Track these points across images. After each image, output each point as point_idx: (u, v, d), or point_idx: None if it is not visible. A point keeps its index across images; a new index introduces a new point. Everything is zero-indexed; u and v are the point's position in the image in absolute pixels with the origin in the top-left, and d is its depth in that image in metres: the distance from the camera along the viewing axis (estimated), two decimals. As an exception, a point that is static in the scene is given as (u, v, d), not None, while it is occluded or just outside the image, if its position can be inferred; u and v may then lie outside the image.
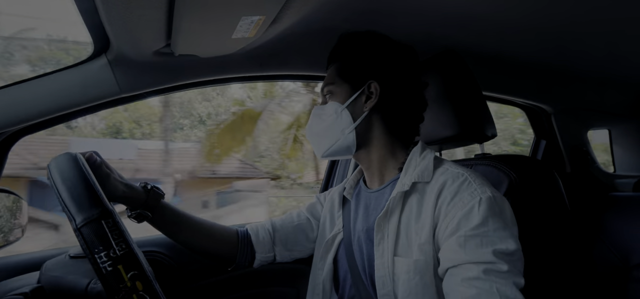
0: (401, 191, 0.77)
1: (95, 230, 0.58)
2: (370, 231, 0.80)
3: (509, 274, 0.64)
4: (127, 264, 0.58)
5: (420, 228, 0.74)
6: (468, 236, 0.68)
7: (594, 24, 1.07)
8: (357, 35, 0.88)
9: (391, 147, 0.87)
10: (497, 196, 0.72)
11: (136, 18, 0.78)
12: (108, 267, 0.56)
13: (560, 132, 1.61)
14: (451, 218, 0.70)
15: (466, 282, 0.65)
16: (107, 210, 0.60)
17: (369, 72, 0.85)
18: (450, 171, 0.77)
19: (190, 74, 1.05)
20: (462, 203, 0.71)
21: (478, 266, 0.65)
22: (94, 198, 0.61)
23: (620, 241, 1.33)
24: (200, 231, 0.93)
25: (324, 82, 0.90)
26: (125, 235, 0.60)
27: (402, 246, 0.75)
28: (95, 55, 0.96)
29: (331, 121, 0.85)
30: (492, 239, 0.67)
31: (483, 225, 0.68)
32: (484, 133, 0.95)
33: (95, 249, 0.57)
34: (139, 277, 0.58)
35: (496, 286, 0.63)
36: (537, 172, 0.90)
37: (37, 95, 0.93)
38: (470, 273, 0.65)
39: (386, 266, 0.75)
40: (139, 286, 0.57)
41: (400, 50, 0.87)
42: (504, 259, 0.65)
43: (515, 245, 0.68)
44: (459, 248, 0.67)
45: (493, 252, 0.65)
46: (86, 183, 0.62)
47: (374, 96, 0.84)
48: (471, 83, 0.97)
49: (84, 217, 0.58)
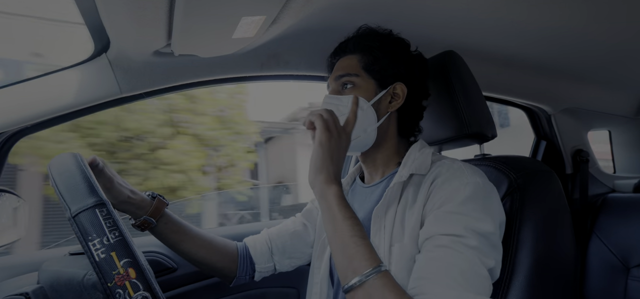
0: (399, 181, 0.78)
1: (89, 218, 0.60)
2: (366, 223, 0.80)
3: (476, 250, 0.64)
4: (120, 251, 0.59)
5: (411, 215, 0.75)
6: (446, 212, 0.68)
7: (595, 25, 1.07)
8: (385, 34, 0.88)
9: (397, 147, 0.87)
10: (486, 185, 0.73)
11: (136, 18, 0.78)
12: (101, 254, 0.58)
13: (561, 133, 1.61)
14: (437, 198, 0.71)
15: (433, 247, 0.66)
16: (101, 200, 0.62)
17: (397, 74, 0.85)
18: (446, 163, 0.78)
19: (191, 74, 1.05)
20: (451, 187, 0.71)
21: (447, 237, 0.65)
22: (89, 189, 0.63)
23: (620, 241, 1.33)
24: (201, 243, 0.93)
25: (343, 70, 0.86)
26: (118, 224, 0.61)
27: (396, 234, 0.75)
28: (95, 55, 0.96)
29: None
30: (468, 219, 0.67)
31: (463, 204, 0.68)
32: (484, 134, 0.95)
33: (88, 237, 0.58)
34: (132, 264, 0.59)
35: (461, 256, 0.63)
36: (537, 173, 0.90)
37: (37, 95, 0.93)
38: (439, 241, 0.65)
39: (383, 256, 0.75)
40: (132, 274, 0.58)
41: (421, 57, 0.90)
42: (474, 236, 0.65)
43: (491, 227, 0.67)
44: (435, 221, 0.68)
45: (464, 227, 0.65)
46: (83, 175, 0.65)
47: (400, 99, 0.85)
48: (471, 83, 0.97)
49: (79, 206, 0.60)
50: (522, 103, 1.59)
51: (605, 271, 1.34)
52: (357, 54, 0.86)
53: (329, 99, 0.85)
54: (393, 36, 0.88)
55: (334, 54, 0.91)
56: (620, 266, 1.31)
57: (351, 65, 0.86)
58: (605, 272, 1.34)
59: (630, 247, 1.30)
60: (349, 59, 0.87)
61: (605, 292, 1.33)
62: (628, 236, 1.32)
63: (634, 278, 1.28)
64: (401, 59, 0.86)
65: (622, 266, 1.31)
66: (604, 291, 1.33)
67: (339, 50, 0.90)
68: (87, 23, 0.88)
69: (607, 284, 1.33)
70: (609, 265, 1.34)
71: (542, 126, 1.66)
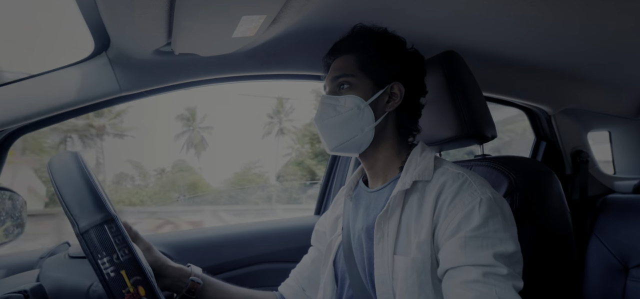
0: (402, 190, 0.77)
1: (98, 236, 0.58)
2: (371, 230, 0.80)
3: (508, 277, 0.64)
4: (130, 269, 0.57)
5: (419, 227, 0.74)
6: (468, 237, 0.68)
7: (595, 25, 1.07)
8: (380, 33, 0.87)
9: (397, 148, 0.87)
10: (496, 197, 0.73)
11: (137, 17, 0.78)
12: (111, 273, 0.56)
13: (561, 133, 1.61)
14: (451, 219, 0.70)
15: (465, 285, 0.65)
16: (110, 215, 0.60)
17: (394, 73, 0.84)
18: (450, 172, 0.78)
19: (191, 73, 1.05)
20: (463, 204, 0.71)
21: (477, 269, 0.65)
22: (97, 202, 0.60)
23: (619, 242, 1.33)
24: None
25: (339, 70, 0.86)
26: (127, 241, 0.60)
27: (401, 244, 0.75)
28: (95, 54, 0.96)
29: (350, 115, 0.82)
30: (492, 241, 0.67)
31: (483, 226, 0.68)
32: (484, 134, 0.95)
33: (98, 255, 0.57)
34: (141, 282, 0.58)
35: (495, 289, 0.63)
36: (536, 174, 0.90)
37: (37, 93, 0.93)
38: (470, 276, 0.65)
39: (386, 264, 0.75)
40: (141, 292, 0.57)
41: (417, 54, 0.89)
42: (503, 261, 0.65)
43: (514, 247, 0.68)
44: (459, 250, 0.67)
45: (493, 255, 0.65)
46: (89, 186, 0.62)
47: (398, 98, 0.84)
48: (471, 84, 0.97)
49: (88, 222, 0.58)
50: (522, 103, 1.59)
51: (604, 271, 1.34)
52: (353, 54, 0.86)
53: (326, 99, 0.84)
54: (388, 34, 0.87)
55: (329, 54, 0.90)
56: (619, 266, 1.31)
57: (347, 65, 0.85)
58: (604, 272, 1.34)
59: (630, 248, 1.30)
60: (344, 59, 0.86)
61: (604, 292, 1.33)
62: (627, 236, 1.32)
63: (633, 279, 1.28)
64: (397, 58, 0.85)
65: (621, 267, 1.31)
66: (603, 292, 1.33)
67: (334, 50, 0.89)
68: (87, 21, 0.88)
69: (606, 284, 1.33)
70: (608, 266, 1.34)
71: (542, 127, 1.66)
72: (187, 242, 1.26)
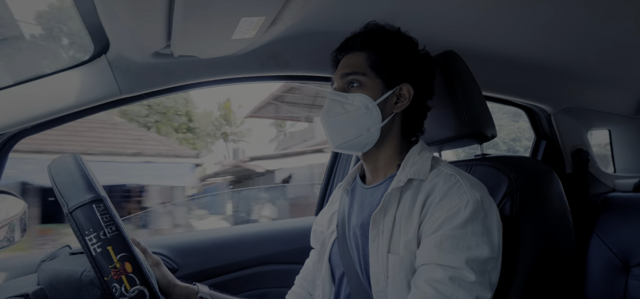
0: (397, 187, 0.77)
1: (86, 214, 0.59)
2: (365, 226, 0.80)
3: (475, 285, 0.64)
4: (116, 246, 0.59)
5: (408, 225, 0.74)
6: (445, 236, 0.68)
7: (594, 25, 1.07)
8: (393, 32, 0.86)
9: (400, 148, 0.86)
10: (485, 200, 0.72)
11: (136, 19, 0.78)
12: (98, 248, 0.58)
13: (561, 132, 1.61)
14: (436, 218, 0.71)
15: (429, 282, 0.66)
16: (98, 196, 0.62)
17: (405, 75, 0.83)
18: (443, 173, 0.77)
19: (190, 75, 1.05)
20: (450, 205, 0.71)
21: (446, 270, 0.65)
22: (87, 185, 0.62)
23: (620, 240, 1.33)
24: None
25: (349, 67, 0.84)
26: (115, 219, 0.61)
27: (394, 242, 0.75)
28: (95, 57, 0.96)
29: (358, 114, 0.80)
30: (468, 244, 0.67)
31: (462, 227, 0.68)
32: (484, 134, 0.95)
33: (85, 232, 0.58)
34: (128, 259, 0.59)
35: (456, 296, 0.63)
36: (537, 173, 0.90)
37: (37, 96, 0.93)
38: (436, 275, 0.65)
39: (381, 262, 0.75)
40: (128, 268, 0.58)
41: (428, 57, 0.88)
42: (474, 267, 0.65)
43: (490, 253, 0.67)
44: (434, 247, 0.68)
45: (466, 259, 0.65)
46: (81, 173, 0.64)
47: (406, 100, 0.83)
48: (471, 83, 0.97)
49: (76, 202, 0.60)
50: (522, 103, 1.59)
51: (605, 270, 1.34)
52: (365, 52, 0.84)
53: (334, 96, 0.83)
54: (401, 35, 0.86)
55: (339, 49, 0.89)
56: (620, 265, 1.31)
57: (358, 63, 0.84)
58: (605, 271, 1.34)
59: (631, 246, 1.30)
60: (355, 57, 0.85)
61: (605, 291, 1.33)
62: (628, 235, 1.32)
63: (634, 277, 1.28)
64: (409, 60, 0.84)
65: (622, 265, 1.31)
66: (605, 291, 1.33)
67: (345, 46, 0.88)
68: (86, 24, 0.88)
69: (607, 283, 1.33)
70: (609, 264, 1.34)
71: (542, 126, 1.66)
72: (188, 244, 1.26)
